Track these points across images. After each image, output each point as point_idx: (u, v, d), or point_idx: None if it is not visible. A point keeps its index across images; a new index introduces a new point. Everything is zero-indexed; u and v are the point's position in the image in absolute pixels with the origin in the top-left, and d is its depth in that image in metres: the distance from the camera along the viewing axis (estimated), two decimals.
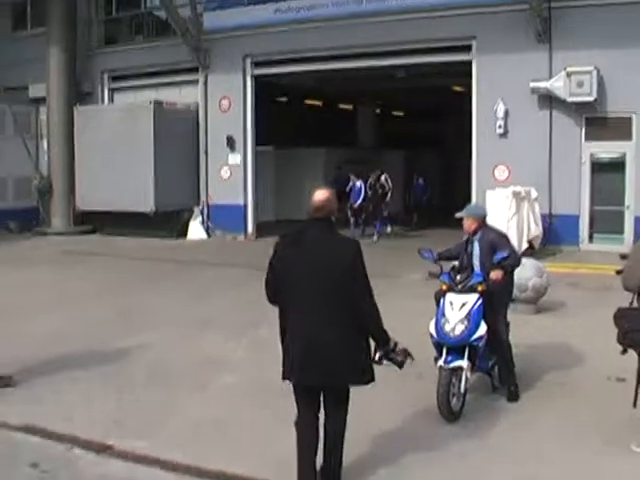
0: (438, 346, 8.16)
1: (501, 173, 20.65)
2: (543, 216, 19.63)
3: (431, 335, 8.21)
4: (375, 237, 24.43)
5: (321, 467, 6.27)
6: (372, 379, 6.16)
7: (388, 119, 38.17)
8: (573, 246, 19.90)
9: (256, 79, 25.26)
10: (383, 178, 25.42)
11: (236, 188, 25.07)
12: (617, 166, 19.89)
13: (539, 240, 19.33)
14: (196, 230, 25.17)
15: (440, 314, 8.22)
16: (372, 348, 6.23)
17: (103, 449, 7.33)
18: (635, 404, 7.16)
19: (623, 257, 7.52)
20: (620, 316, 7.07)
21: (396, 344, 6.26)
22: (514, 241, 17.78)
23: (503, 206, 18.23)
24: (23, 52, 27.58)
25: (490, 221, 18.56)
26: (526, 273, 12.74)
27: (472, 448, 7.23)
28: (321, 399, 6.22)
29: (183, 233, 25.21)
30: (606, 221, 20.14)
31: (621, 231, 19.64)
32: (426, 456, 7.08)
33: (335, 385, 6.13)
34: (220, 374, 9.67)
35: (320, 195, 6.08)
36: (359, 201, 25.09)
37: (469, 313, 8.09)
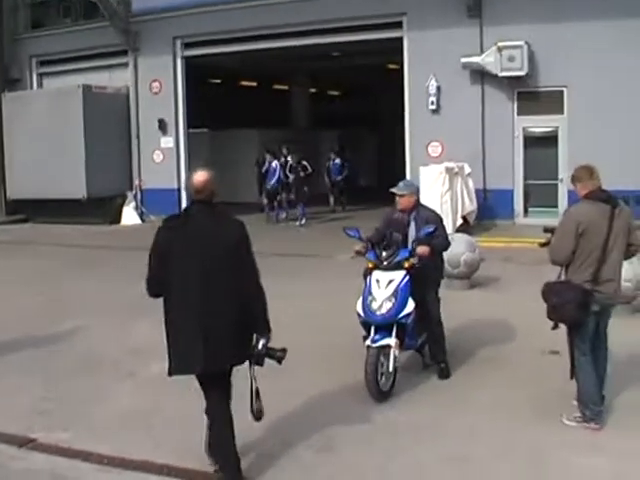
0: (366, 325, 8.04)
1: (435, 149, 20.67)
2: (477, 191, 19.70)
3: (358, 314, 8.08)
4: (299, 222, 23.61)
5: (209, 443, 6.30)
6: (244, 362, 6.04)
7: (323, 99, 38.01)
8: (508, 220, 20.03)
9: (187, 60, 24.96)
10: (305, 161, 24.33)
11: (169, 172, 24.79)
12: (550, 140, 20.05)
13: (474, 215, 19.40)
14: (130, 216, 24.83)
15: (367, 292, 8.08)
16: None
17: (25, 442, 7.13)
18: (572, 377, 7.13)
19: (547, 230, 7.46)
20: (548, 291, 7.01)
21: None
22: (449, 217, 17.91)
23: (436, 182, 18.24)
24: None
25: (424, 197, 18.75)
26: (458, 248, 12.71)
27: (402, 427, 7.16)
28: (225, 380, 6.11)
29: (117, 219, 24.82)
30: (540, 195, 20.27)
31: (555, 204, 19.75)
32: (355, 436, 6.99)
33: (225, 367, 6.02)
34: (148, 362, 9.44)
35: (200, 177, 5.99)
36: (272, 182, 24.23)
37: (396, 290, 7.97)
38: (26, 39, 27.38)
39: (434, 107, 20.69)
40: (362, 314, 8.03)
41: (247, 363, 6.03)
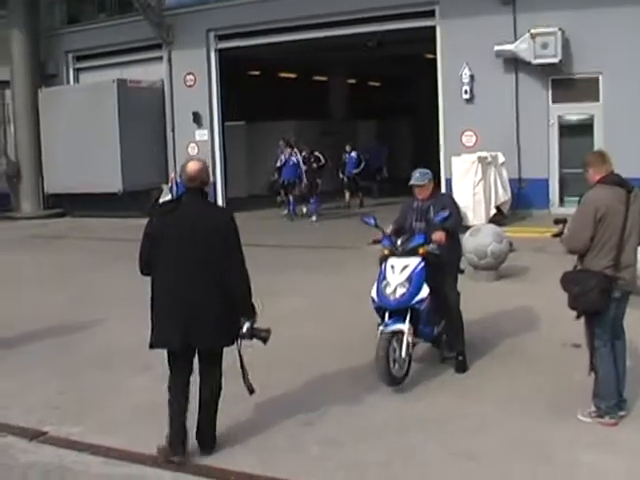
0: (380, 310, 8.01)
1: (469, 139, 20.45)
2: (512, 181, 19.44)
3: (372, 300, 8.06)
4: (313, 217, 22.50)
5: (197, 429, 6.58)
6: (233, 343, 6.44)
7: (361, 90, 37.83)
8: (544, 210, 19.69)
9: (222, 53, 24.95)
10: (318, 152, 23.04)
11: None
12: (585, 128, 19.72)
13: (508, 205, 19.16)
14: None
15: (381, 278, 8.06)
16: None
17: (37, 436, 7.18)
18: (590, 371, 6.97)
19: (557, 222, 7.29)
20: (568, 280, 6.85)
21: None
22: (481, 207, 17.73)
23: (469, 172, 18.07)
24: None
25: (456, 188, 18.67)
26: (485, 239, 12.60)
27: (412, 422, 7.06)
28: (194, 362, 6.52)
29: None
30: (576, 184, 19.81)
31: None
32: (363, 430, 6.93)
33: (209, 346, 6.42)
34: (165, 356, 9.45)
35: (193, 165, 6.37)
36: (289, 175, 22.74)
37: (410, 276, 7.92)
38: (62, 35, 27.58)
39: (468, 96, 20.48)
40: (376, 299, 8.02)
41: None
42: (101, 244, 19.36)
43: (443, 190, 19.48)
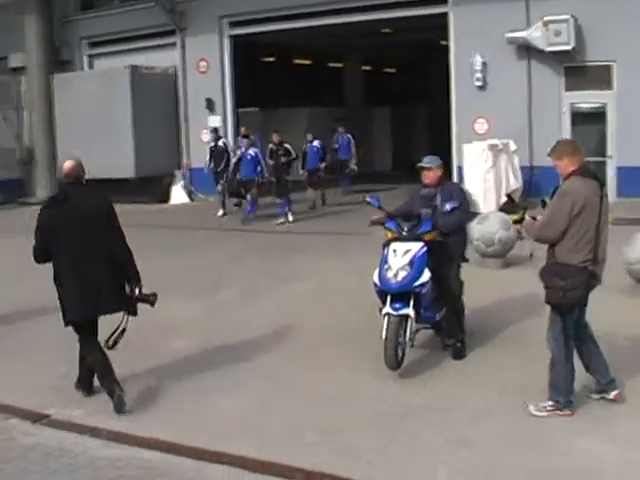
0: (381, 294, 8.03)
1: (481, 126, 20.38)
2: (524, 168, 19.37)
3: (374, 284, 8.09)
4: (282, 220, 19.18)
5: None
6: (125, 307, 7.50)
7: (376, 76, 37.69)
8: None
9: (235, 39, 24.96)
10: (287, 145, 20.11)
11: None
12: (598, 116, 19.59)
13: (519, 193, 19.08)
14: (178, 195, 25.01)
15: (383, 261, 8.09)
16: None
17: (39, 418, 7.29)
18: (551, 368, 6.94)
19: (545, 204, 7.20)
20: (552, 273, 6.71)
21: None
22: (492, 195, 17.69)
23: (479, 160, 18.04)
24: (1, 22, 27.20)
25: (467, 175, 18.62)
26: (492, 227, 12.60)
27: (411, 409, 7.10)
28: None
29: (166, 198, 25.02)
30: None
31: (604, 182, 19.31)
32: (364, 417, 6.98)
33: (111, 312, 7.45)
34: (173, 341, 9.57)
35: (68, 164, 7.51)
36: (248, 171, 19.31)
37: (412, 260, 7.95)
38: (76, 21, 27.62)
39: (480, 83, 20.39)
40: (378, 283, 8.05)
41: None
42: None
43: (455, 177, 19.53)
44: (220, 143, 21.28)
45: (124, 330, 7.49)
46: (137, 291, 7.50)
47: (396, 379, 7.81)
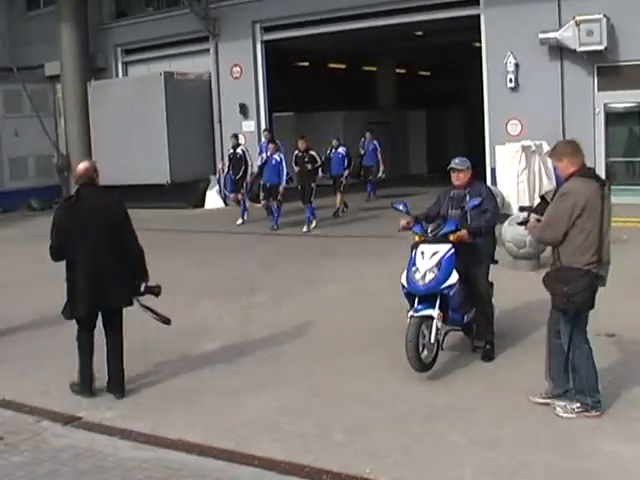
0: (409, 296, 8.08)
1: (514, 128, 20.25)
2: (557, 170, 19.21)
3: (402, 286, 8.14)
4: (304, 227, 18.90)
5: (108, 378, 7.98)
6: (132, 303, 7.97)
7: (410, 79, 37.69)
8: None
9: (267, 44, 25.08)
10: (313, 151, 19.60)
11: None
12: (632, 115, 19.44)
13: (552, 194, 18.93)
14: (213, 199, 25.11)
15: (411, 264, 8.13)
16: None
17: (71, 420, 7.39)
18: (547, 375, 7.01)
19: (523, 209, 7.18)
20: (555, 279, 6.71)
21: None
22: (525, 196, 17.61)
23: (512, 161, 17.98)
24: (38, 31, 27.68)
25: (500, 177, 18.55)
26: (522, 229, 12.49)
27: (437, 410, 7.12)
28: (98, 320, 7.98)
29: (201, 203, 25.18)
30: (623, 172, 19.73)
31: (638, 182, 19.19)
32: (389, 418, 7.00)
33: (118, 305, 7.91)
34: (201, 344, 9.66)
35: (82, 165, 7.91)
36: (272, 179, 18.98)
37: (439, 262, 7.99)
38: (110, 29, 27.95)
39: (513, 85, 20.27)
40: (406, 285, 8.10)
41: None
42: (149, 234, 19.09)
43: (489, 179, 19.48)
44: (239, 150, 20.80)
45: (152, 310, 8.21)
46: (143, 285, 7.90)
47: (424, 381, 7.83)
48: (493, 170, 19.60)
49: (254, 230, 19.38)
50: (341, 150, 21.85)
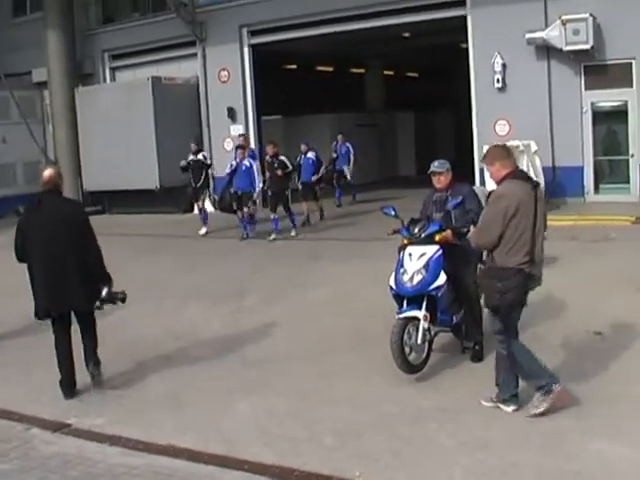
0: (398, 298, 8.13)
1: (502, 128, 20.22)
2: (546, 169, 19.25)
3: (391, 287, 8.18)
4: (272, 236, 17.88)
5: (91, 374, 8.32)
6: (93, 307, 8.26)
7: (398, 81, 37.71)
8: (579, 198, 19.47)
9: (255, 48, 25.02)
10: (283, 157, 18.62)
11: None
12: (619, 114, 19.43)
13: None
14: None
15: (399, 266, 8.19)
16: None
17: (60, 427, 7.40)
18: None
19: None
20: (489, 276, 6.82)
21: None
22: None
23: None
24: (24, 37, 27.52)
25: (487, 177, 18.51)
26: None
27: (426, 412, 7.13)
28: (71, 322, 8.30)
29: (190, 208, 25.07)
30: (611, 171, 19.78)
31: (627, 180, 19.22)
32: (378, 420, 7.02)
33: (79, 309, 8.20)
34: (188, 348, 9.67)
35: (47, 172, 8.22)
36: (243, 184, 18.00)
37: (427, 263, 8.05)
38: (97, 34, 27.78)
39: (500, 85, 20.26)
40: (394, 287, 8.15)
41: None
42: (138, 239, 19.45)
43: (477, 179, 19.51)
44: (200, 156, 20.21)
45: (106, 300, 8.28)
46: (105, 291, 8.13)
47: (412, 382, 7.84)
48: (482, 170, 19.59)
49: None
50: (310, 155, 20.78)
